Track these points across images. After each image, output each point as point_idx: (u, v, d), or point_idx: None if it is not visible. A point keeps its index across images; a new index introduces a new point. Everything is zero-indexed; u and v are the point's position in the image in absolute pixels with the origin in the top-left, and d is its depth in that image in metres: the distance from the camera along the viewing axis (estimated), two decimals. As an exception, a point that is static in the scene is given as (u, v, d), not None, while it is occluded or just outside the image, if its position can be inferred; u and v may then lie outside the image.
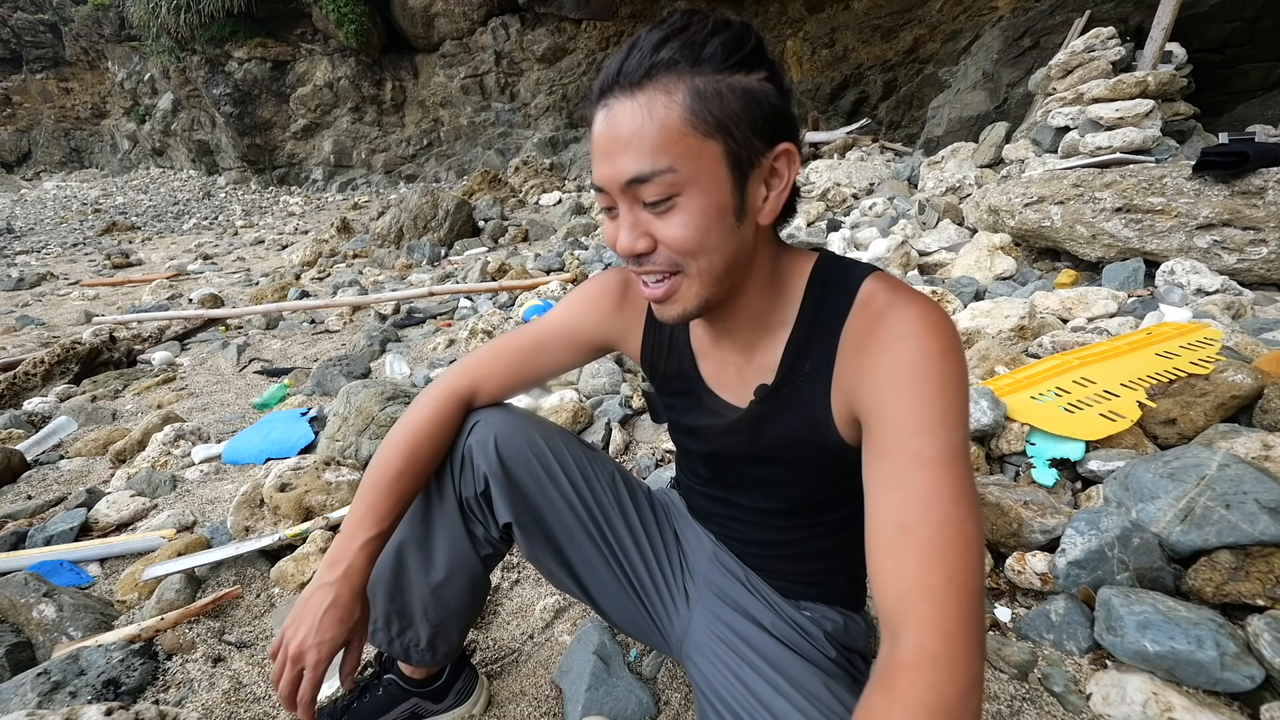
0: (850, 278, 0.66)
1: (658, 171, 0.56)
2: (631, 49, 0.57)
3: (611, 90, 0.57)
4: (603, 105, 0.58)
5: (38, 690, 1.05)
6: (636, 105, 0.56)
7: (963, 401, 0.57)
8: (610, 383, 2.20)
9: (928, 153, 6.08)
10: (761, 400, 0.72)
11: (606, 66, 0.59)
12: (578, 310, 0.86)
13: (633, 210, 0.60)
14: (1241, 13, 5.08)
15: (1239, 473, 1.13)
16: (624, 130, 0.56)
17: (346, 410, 1.87)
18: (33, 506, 1.81)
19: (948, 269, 3.23)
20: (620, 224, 0.61)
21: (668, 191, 0.57)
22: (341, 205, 10.46)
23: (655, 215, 0.59)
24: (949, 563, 0.51)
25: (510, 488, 0.84)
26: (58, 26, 16.08)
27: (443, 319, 3.72)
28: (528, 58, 10.87)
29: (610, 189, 0.60)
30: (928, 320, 0.59)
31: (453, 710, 1.01)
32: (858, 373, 0.62)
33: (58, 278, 6.29)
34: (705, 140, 0.56)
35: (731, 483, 0.82)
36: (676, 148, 0.56)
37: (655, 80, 0.55)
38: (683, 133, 0.56)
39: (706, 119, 0.56)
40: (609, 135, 0.58)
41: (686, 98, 0.55)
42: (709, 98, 0.55)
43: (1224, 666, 0.92)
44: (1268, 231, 2.41)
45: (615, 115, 0.57)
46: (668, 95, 0.55)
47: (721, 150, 0.57)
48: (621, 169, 0.57)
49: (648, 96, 0.56)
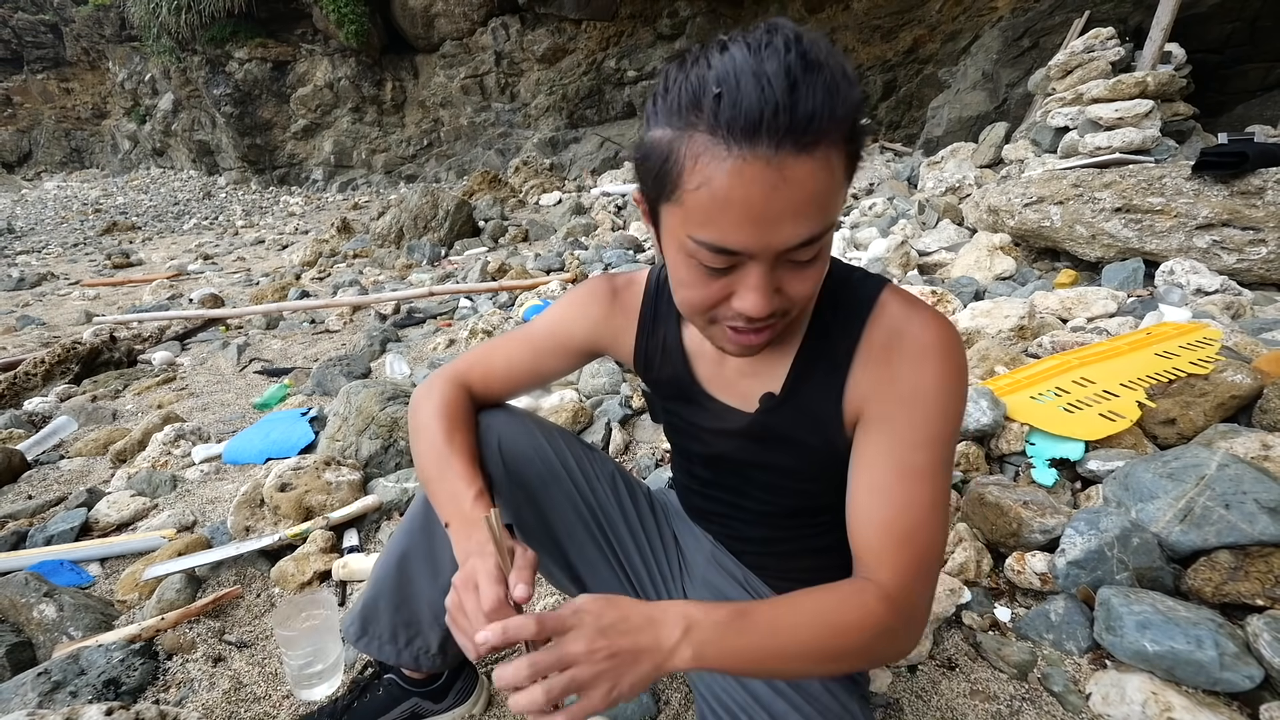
0: (864, 289, 0.66)
1: (825, 230, 0.51)
2: (793, 85, 0.45)
3: (778, 140, 0.46)
4: (763, 154, 0.46)
5: (38, 690, 1.05)
6: (816, 167, 0.47)
7: (959, 421, 0.63)
8: (610, 383, 2.20)
9: (927, 153, 6.08)
10: (769, 410, 0.71)
11: (746, 91, 0.45)
12: (567, 316, 0.84)
13: (775, 270, 0.53)
14: (1241, 13, 5.08)
15: (1238, 473, 1.13)
16: (800, 195, 0.48)
17: (347, 410, 1.87)
18: (33, 506, 1.82)
19: (947, 269, 3.23)
20: (754, 287, 0.53)
21: (821, 245, 0.53)
22: (342, 205, 10.46)
23: (794, 270, 0.54)
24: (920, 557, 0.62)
25: (512, 488, 0.84)
26: (58, 27, 16.08)
27: (443, 319, 3.72)
28: (528, 58, 10.86)
29: (760, 255, 0.51)
30: (947, 342, 0.62)
31: (453, 710, 1.01)
32: (876, 382, 0.64)
33: (58, 278, 6.29)
34: (847, 185, 0.52)
35: (733, 485, 0.82)
36: (836, 205, 0.51)
37: (831, 132, 0.47)
38: (843, 183, 0.51)
39: (852, 163, 0.52)
40: (772, 197, 0.48)
41: (849, 145, 0.50)
42: (857, 144, 0.51)
43: (1223, 666, 0.92)
44: (1267, 231, 2.41)
45: (787, 175, 0.47)
46: (839, 154, 0.49)
47: (848, 185, 0.53)
48: (791, 234, 0.50)
49: (825, 153, 0.47)
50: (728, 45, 0.48)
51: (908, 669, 1.07)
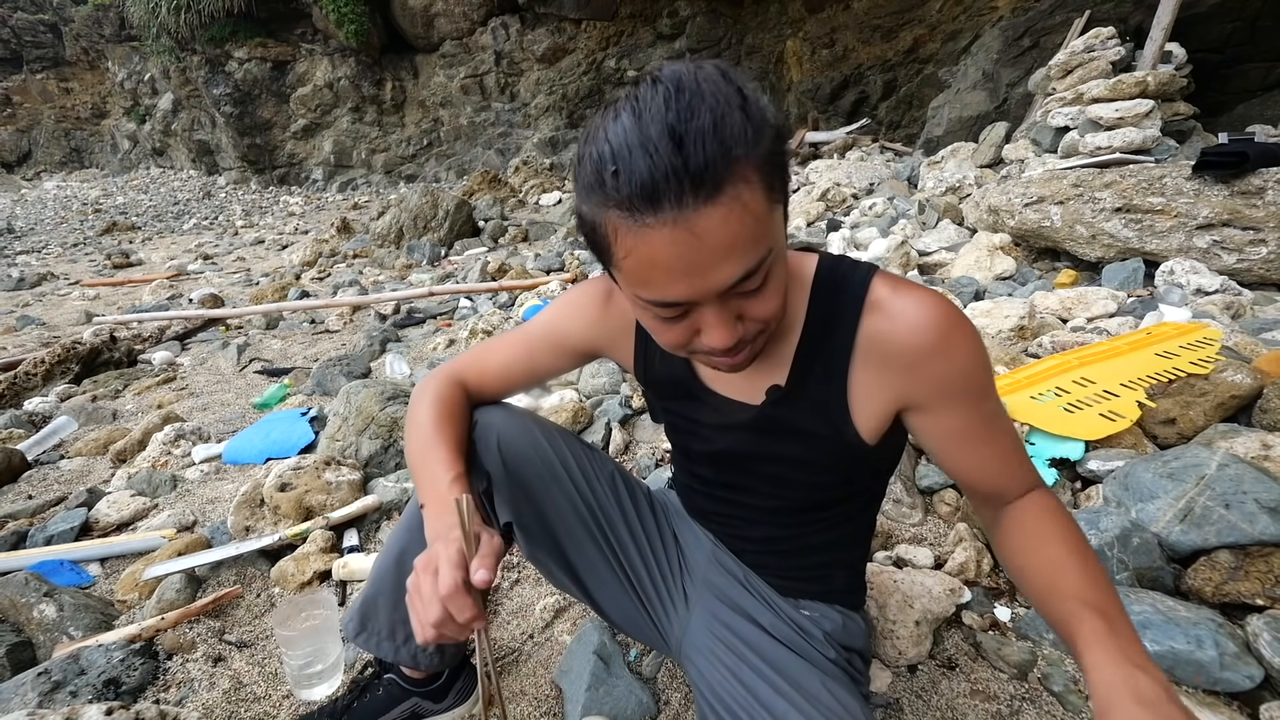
0: (854, 277, 0.66)
1: (761, 261, 0.52)
2: (679, 140, 0.46)
3: (680, 199, 0.47)
4: (667, 217, 0.48)
5: (38, 690, 1.05)
6: (728, 210, 0.48)
7: (989, 359, 0.68)
8: (610, 383, 2.20)
9: (928, 153, 6.07)
10: (775, 402, 0.71)
11: (633, 163, 0.47)
12: (563, 316, 0.84)
13: (726, 305, 0.55)
14: (1241, 13, 5.08)
15: (1238, 472, 1.13)
16: (719, 241, 0.49)
17: (346, 410, 1.87)
18: (33, 506, 1.81)
19: (947, 269, 3.23)
20: (713, 325, 0.55)
21: (766, 274, 0.54)
22: (341, 205, 10.46)
23: (747, 298, 0.55)
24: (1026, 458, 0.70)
25: (512, 487, 0.84)
26: (58, 26, 16.08)
27: (443, 319, 3.72)
28: (528, 58, 10.87)
29: (703, 300, 0.53)
30: (944, 313, 0.63)
31: (453, 710, 1.01)
32: (909, 380, 0.65)
33: (58, 278, 6.29)
34: (778, 206, 0.53)
35: (737, 482, 0.82)
36: (767, 231, 0.52)
37: (733, 175, 0.48)
38: (768, 213, 0.51)
39: (776, 188, 0.52)
40: (693, 250, 0.49)
41: (762, 174, 0.50)
42: (774, 166, 0.51)
43: (1223, 666, 0.92)
44: (1267, 231, 2.41)
45: (699, 228, 0.48)
46: (749, 187, 0.49)
47: (781, 204, 0.54)
48: (722, 278, 0.51)
49: (732, 195, 0.48)
50: (620, 112, 0.49)
51: (908, 669, 1.07)
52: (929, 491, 1.49)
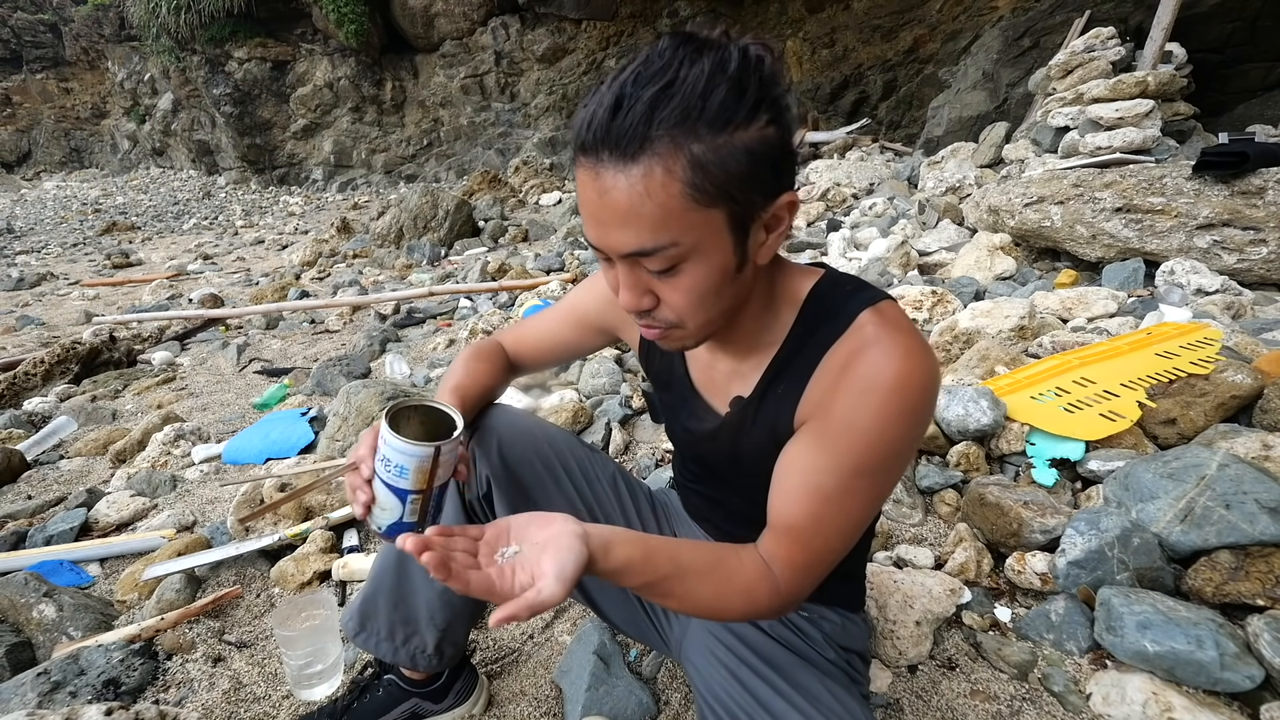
0: (848, 306, 0.64)
1: (660, 247, 0.53)
2: (619, 102, 0.50)
3: (598, 151, 0.51)
4: (589, 164, 0.52)
5: (38, 690, 1.05)
6: (631, 181, 0.50)
7: (897, 460, 0.63)
8: (610, 383, 2.20)
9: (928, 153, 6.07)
10: (736, 412, 0.73)
11: (588, 108, 0.52)
12: (588, 294, 0.89)
13: (633, 271, 0.57)
14: (1241, 13, 5.08)
15: (1239, 473, 1.13)
16: (619, 204, 0.52)
17: (346, 410, 1.87)
18: (33, 506, 1.81)
19: (948, 269, 3.23)
20: (620, 282, 0.59)
21: (670, 262, 0.55)
22: (341, 205, 10.45)
23: (659, 279, 0.57)
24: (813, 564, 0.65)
25: (513, 489, 0.84)
26: (58, 26, 16.08)
27: (443, 319, 3.72)
28: (528, 58, 10.86)
29: (611, 254, 0.57)
30: (902, 380, 0.58)
31: (453, 710, 1.01)
32: (821, 399, 0.64)
33: (58, 278, 6.29)
34: (707, 210, 0.53)
35: (716, 483, 0.84)
36: (678, 224, 0.52)
37: (651, 152, 0.50)
38: (684, 209, 0.52)
39: (708, 190, 0.51)
40: (599, 204, 0.53)
41: (686, 171, 0.50)
42: (709, 167, 0.50)
43: (1224, 666, 0.92)
44: (1268, 231, 2.41)
45: (606, 185, 0.52)
46: (666, 172, 0.50)
47: (725, 216, 0.54)
48: (619, 242, 0.54)
49: (644, 171, 0.50)
50: None
51: (908, 669, 1.07)
52: (929, 492, 1.49)
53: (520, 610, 0.49)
